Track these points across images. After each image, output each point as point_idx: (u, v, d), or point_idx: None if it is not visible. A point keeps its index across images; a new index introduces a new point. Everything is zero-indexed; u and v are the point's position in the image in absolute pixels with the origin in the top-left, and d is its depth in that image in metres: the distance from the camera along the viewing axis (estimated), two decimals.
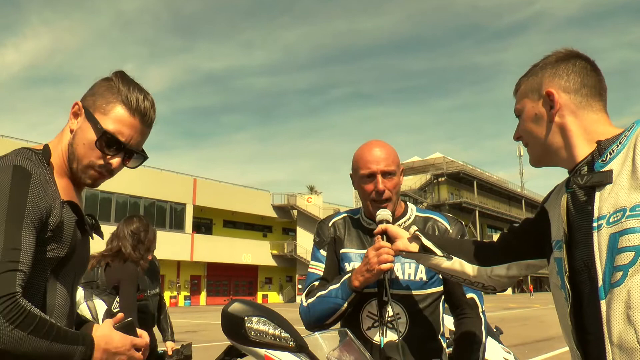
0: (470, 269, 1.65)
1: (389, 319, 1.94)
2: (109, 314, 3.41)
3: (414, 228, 1.84)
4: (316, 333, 1.64)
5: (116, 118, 1.39)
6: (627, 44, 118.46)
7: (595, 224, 1.20)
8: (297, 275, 47.86)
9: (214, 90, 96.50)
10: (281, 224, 50.64)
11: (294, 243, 47.59)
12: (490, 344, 3.27)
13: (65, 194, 1.39)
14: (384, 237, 1.87)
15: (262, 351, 1.40)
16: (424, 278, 1.99)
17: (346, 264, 2.05)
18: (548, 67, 1.38)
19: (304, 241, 46.95)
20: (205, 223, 44.64)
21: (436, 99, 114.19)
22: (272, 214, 47.80)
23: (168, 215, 39.55)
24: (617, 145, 1.23)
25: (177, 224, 39.62)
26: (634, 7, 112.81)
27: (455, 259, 1.68)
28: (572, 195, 1.32)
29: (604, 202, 1.20)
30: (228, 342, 1.49)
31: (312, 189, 50.72)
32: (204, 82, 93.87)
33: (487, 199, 65.12)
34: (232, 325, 1.38)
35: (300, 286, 47.28)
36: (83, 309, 3.49)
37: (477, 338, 1.97)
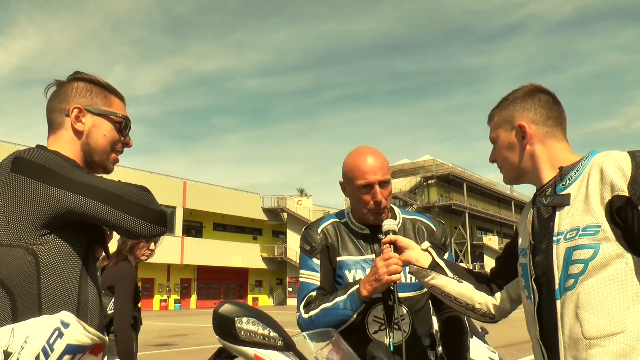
0: (478, 296, 1.76)
1: (394, 320, 1.98)
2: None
3: (426, 244, 1.87)
4: (304, 332, 1.70)
5: (117, 106, 1.69)
6: (617, 46, 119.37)
7: (555, 238, 1.45)
8: (287, 278, 47.76)
9: (204, 92, 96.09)
10: (271, 226, 50.57)
11: (284, 246, 47.53)
12: (475, 344, 3.34)
13: None
14: (392, 247, 1.88)
15: (251, 351, 1.45)
16: None
17: (345, 272, 2.04)
18: (518, 101, 1.60)
19: (294, 244, 46.84)
20: (195, 226, 44.48)
21: (426, 101, 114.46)
22: (262, 216, 47.73)
23: None
24: (575, 173, 1.46)
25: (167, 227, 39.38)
26: (624, 10, 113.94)
27: (465, 283, 1.77)
28: (537, 211, 1.55)
29: (562, 220, 1.44)
30: (219, 345, 1.54)
31: (302, 192, 50.69)
32: (195, 83, 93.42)
33: (476, 201, 65.39)
34: (223, 326, 1.44)
35: (290, 289, 47.20)
36: None
37: (464, 329, 2.11)
